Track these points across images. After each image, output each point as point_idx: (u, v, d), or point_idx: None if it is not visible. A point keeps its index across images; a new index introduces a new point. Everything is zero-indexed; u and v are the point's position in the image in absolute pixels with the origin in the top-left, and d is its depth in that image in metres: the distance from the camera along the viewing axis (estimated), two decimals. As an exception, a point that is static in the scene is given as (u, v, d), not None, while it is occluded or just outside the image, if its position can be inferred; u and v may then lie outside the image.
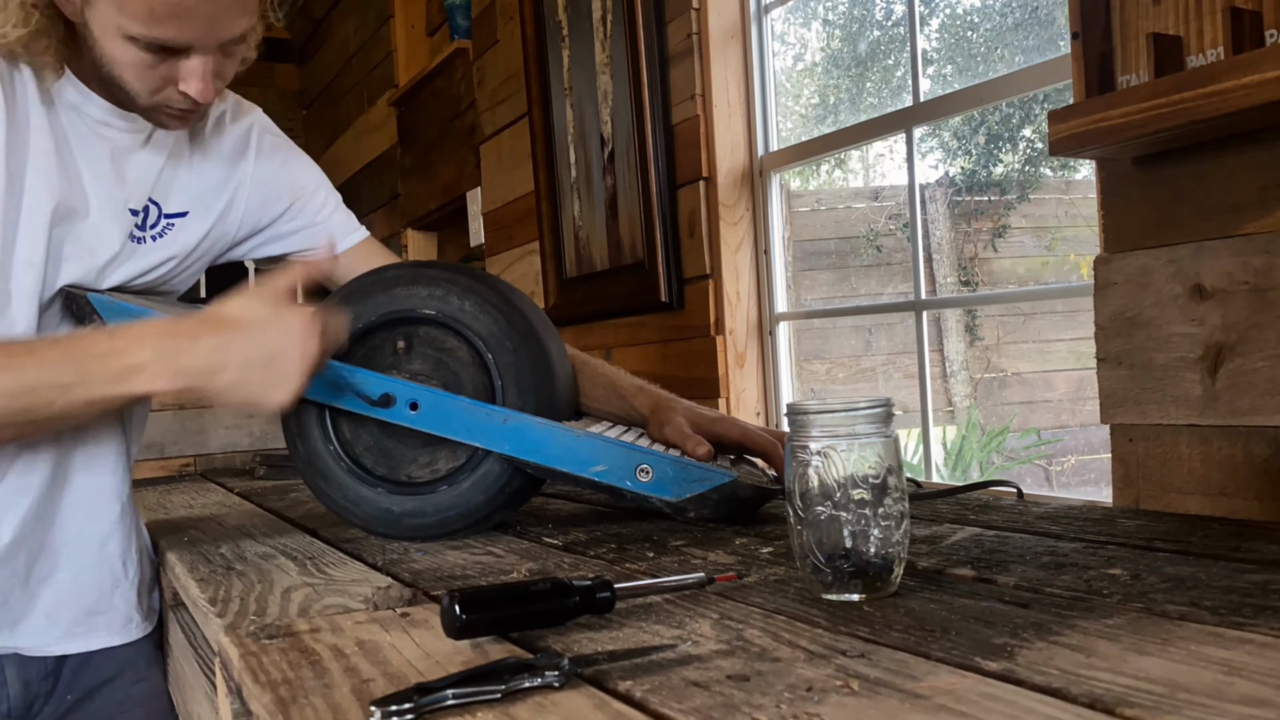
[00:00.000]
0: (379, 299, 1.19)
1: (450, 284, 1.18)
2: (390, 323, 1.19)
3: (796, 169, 2.25)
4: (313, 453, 1.20)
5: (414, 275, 1.20)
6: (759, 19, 2.17)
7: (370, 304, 1.19)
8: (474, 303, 1.17)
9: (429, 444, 1.18)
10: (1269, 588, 0.75)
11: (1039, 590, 0.78)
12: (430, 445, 1.18)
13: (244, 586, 0.98)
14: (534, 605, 0.74)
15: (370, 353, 1.20)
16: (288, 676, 0.68)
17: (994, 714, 0.53)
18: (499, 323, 1.17)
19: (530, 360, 1.17)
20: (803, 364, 2.34)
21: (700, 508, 1.13)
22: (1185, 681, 0.56)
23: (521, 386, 1.16)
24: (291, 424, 1.20)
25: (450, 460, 1.18)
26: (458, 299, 1.17)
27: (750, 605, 0.79)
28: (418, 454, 1.19)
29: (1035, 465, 3.96)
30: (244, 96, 1.37)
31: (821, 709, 0.55)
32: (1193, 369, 1.18)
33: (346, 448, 1.19)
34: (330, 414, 1.19)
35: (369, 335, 1.19)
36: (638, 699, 0.59)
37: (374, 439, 1.19)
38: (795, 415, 0.79)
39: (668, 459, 1.11)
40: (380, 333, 1.19)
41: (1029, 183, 4.05)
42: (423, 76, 3.55)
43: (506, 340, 1.17)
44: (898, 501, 0.78)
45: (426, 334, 1.19)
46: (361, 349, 1.19)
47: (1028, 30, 3.11)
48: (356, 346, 1.19)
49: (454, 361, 1.19)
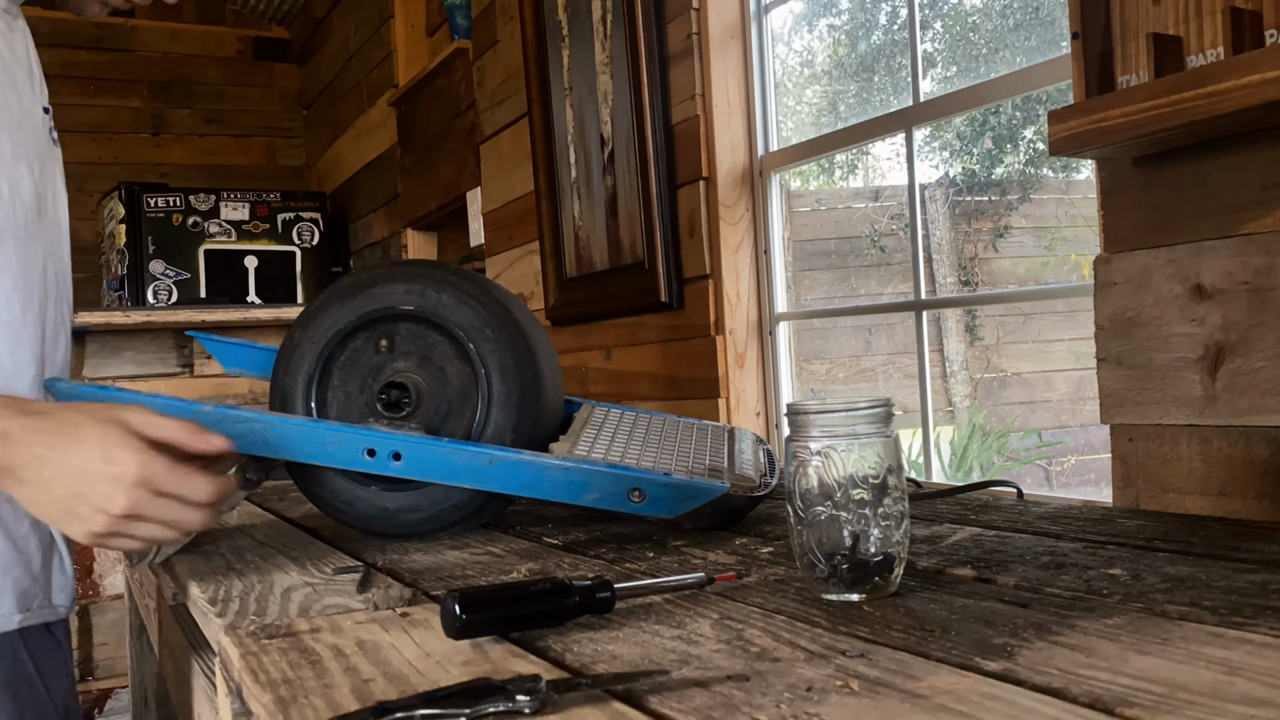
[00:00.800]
0: (357, 300, 1.19)
1: (426, 279, 1.19)
2: (370, 323, 1.20)
3: (797, 169, 2.24)
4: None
5: (390, 273, 1.21)
6: (759, 19, 2.17)
7: (349, 306, 1.19)
8: (451, 294, 1.18)
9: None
10: (1269, 588, 0.75)
11: (1039, 590, 0.78)
12: None
13: (244, 586, 0.98)
14: (534, 605, 0.74)
15: (354, 355, 1.20)
16: (288, 676, 0.68)
17: (994, 714, 0.53)
18: (477, 312, 1.17)
19: (511, 346, 1.17)
20: (803, 364, 2.34)
21: (696, 519, 1.13)
22: (1185, 681, 0.56)
23: (505, 372, 1.17)
24: None
25: None
26: (435, 292, 1.18)
27: (750, 605, 0.79)
28: None
29: (1035, 465, 3.96)
30: (245, 95, 1.35)
31: (821, 709, 0.55)
32: (1193, 369, 1.18)
33: None
34: (318, 418, 1.20)
35: (351, 338, 1.20)
36: (637, 698, 0.59)
37: None
38: (795, 415, 0.79)
39: (659, 479, 1.09)
40: (362, 334, 1.20)
41: (1029, 183, 4.05)
42: (423, 76, 3.55)
43: (486, 329, 1.17)
44: (897, 501, 0.78)
45: (408, 330, 1.20)
46: (345, 352, 1.20)
47: (1029, 31, 3.11)
48: (340, 350, 1.20)
49: (438, 355, 1.19)
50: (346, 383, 1.21)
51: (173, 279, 4.28)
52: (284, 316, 2.53)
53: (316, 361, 1.20)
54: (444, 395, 1.19)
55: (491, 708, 0.57)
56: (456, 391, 1.18)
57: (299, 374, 1.21)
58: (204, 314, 2.46)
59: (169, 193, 4.32)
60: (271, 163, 5.38)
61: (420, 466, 1.11)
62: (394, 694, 0.62)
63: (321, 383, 1.21)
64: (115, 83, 5.15)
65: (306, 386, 1.20)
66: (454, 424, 1.18)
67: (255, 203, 4.42)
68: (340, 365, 1.20)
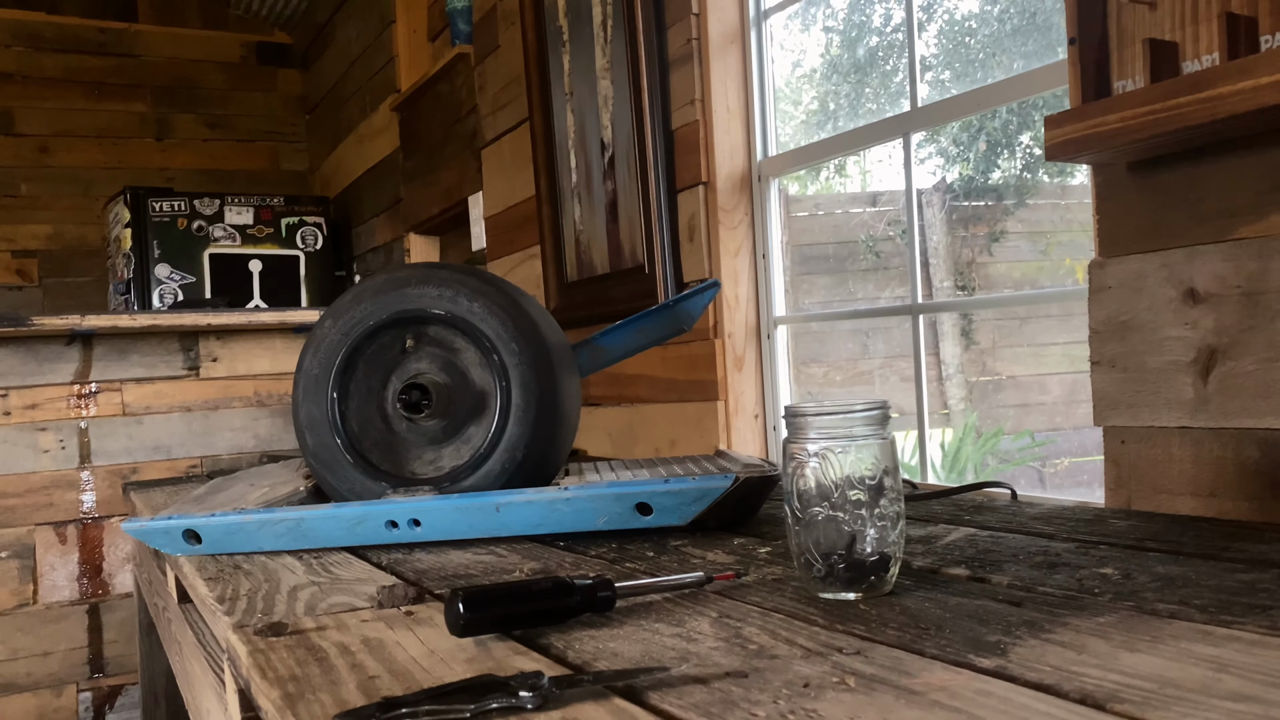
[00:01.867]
0: (390, 297, 1.21)
1: (460, 285, 1.20)
2: (400, 321, 1.21)
3: (795, 174, 2.26)
4: (320, 444, 1.21)
5: (425, 276, 1.22)
6: (758, 24, 2.18)
7: (381, 302, 1.21)
8: (483, 304, 1.19)
9: (435, 442, 1.20)
10: (1257, 587, 0.76)
11: (1032, 589, 0.79)
12: (436, 443, 1.20)
13: (251, 585, 0.99)
14: (536, 604, 0.75)
15: (380, 351, 1.22)
16: (295, 673, 0.69)
17: (987, 710, 0.54)
18: (506, 325, 1.19)
19: (535, 362, 1.19)
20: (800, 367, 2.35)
21: (719, 515, 1.13)
22: (1175, 678, 0.57)
23: (525, 386, 1.18)
24: (301, 415, 1.22)
25: (454, 459, 1.20)
26: (467, 300, 1.19)
27: (749, 604, 0.80)
28: (424, 451, 1.21)
29: (1029, 467, 3.97)
30: (247, 101, 1.37)
31: (818, 705, 0.56)
32: (1185, 372, 1.19)
33: (354, 442, 1.21)
34: (339, 408, 1.21)
35: (379, 334, 1.21)
36: (638, 695, 0.60)
37: (381, 435, 1.21)
38: (793, 417, 0.80)
39: (660, 489, 1.09)
40: (390, 331, 1.21)
41: (1025, 188, 4.06)
42: (424, 82, 3.56)
43: (513, 342, 1.18)
44: (894, 502, 0.79)
45: (436, 333, 1.21)
46: (371, 347, 1.22)
47: (1026, 36, 3.12)
48: (367, 344, 1.21)
49: (462, 361, 1.21)
50: (370, 376, 1.23)
51: (178, 283, 4.29)
52: (288, 320, 2.54)
53: (344, 353, 1.21)
54: (463, 401, 1.20)
55: (495, 703, 0.57)
56: (476, 398, 1.20)
57: (327, 362, 1.22)
58: (210, 317, 2.47)
59: (174, 197, 4.33)
60: (275, 167, 5.40)
61: (438, 527, 1.13)
62: (399, 690, 0.63)
63: (346, 374, 1.22)
64: (119, 87, 5.16)
65: (332, 375, 1.21)
66: (471, 430, 1.20)
67: (259, 207, 4.44)
68: (366, 359, 1.21)
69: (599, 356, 1.46)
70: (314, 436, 1.21)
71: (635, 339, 1.47)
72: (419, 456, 1.21)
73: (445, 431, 1.20)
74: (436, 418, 1.20)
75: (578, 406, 1.31)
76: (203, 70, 5.28)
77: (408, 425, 1.21)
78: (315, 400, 1.20)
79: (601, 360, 1.47)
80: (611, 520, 1.10)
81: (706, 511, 1.10)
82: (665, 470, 1.25)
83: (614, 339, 1.47)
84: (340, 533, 1.14)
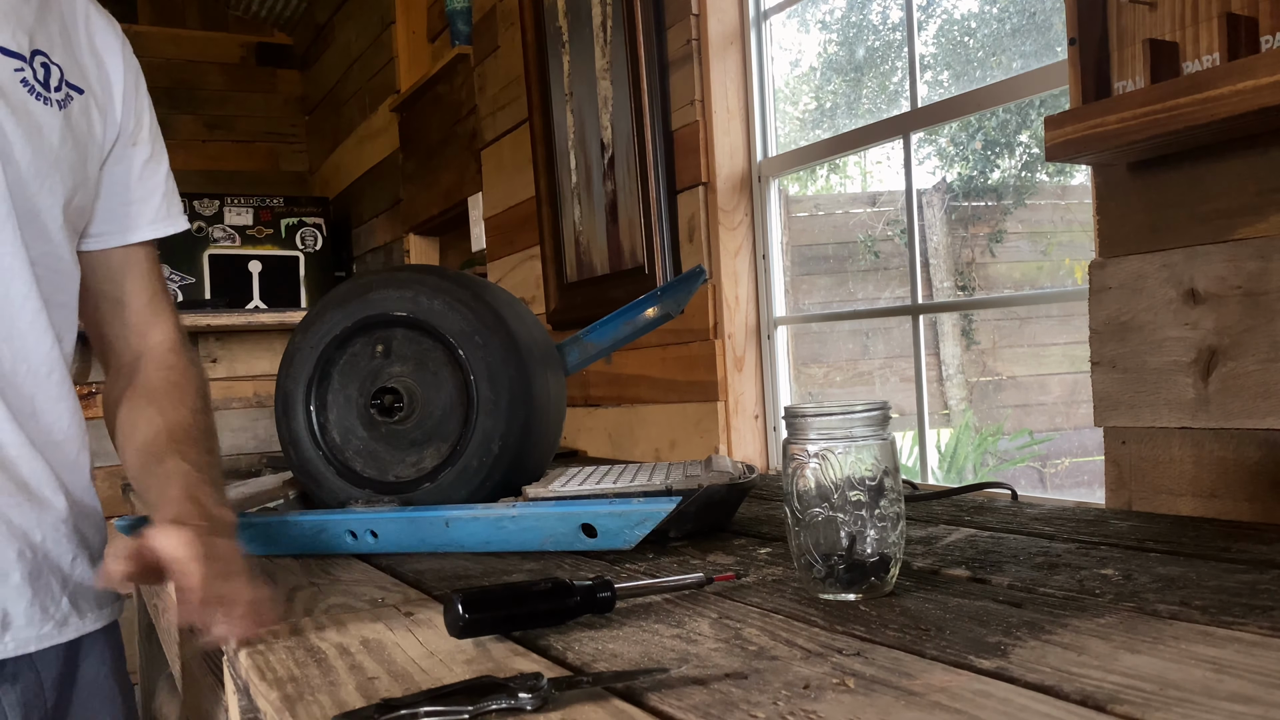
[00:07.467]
0: (354, 305, 1.21)
1: (420, 285, 1.20)
2: (367, 328, 1.21)
3: (795, 174, 2.26)
4: (304, 458, 1.22)
5: (386, 279, 1.23)
6: (758, 25, 2.18)
7: (346, 310, 1.21)
8: (443, 301, 1.19)
9: (415, 444, 1.20)
10: (1258, 587, 0.76)
11: (1032, 590, 0.79)
12: (417, 445, 1.20)
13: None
14: (536, 605, 0.75)
15: (353, 359, 1.22)
16: (294, 674, 0.69)
17: (988, 711, 0.54)
18: (467, 318, 1.19)
19: (501, 352, 1.18)
20: (801, 367, 2.35)
21: (680, 526, 1.11)
22: (1175, 679, 0.57)
23: (493, 379, 1.18)
24: (284, 430, 1.23)
25: (435, 458, 1.20)
26: (427, 299, 1.19)
27: (748, 605, 0.80)
28: (405, 454, 1.21)
29: (1029, 467, 3.97)
30: (247, 101, 1.36)
31: (818, 706, 0.56)
32: (1185, 372, 1.19)
33: (336, 453, 1.22)
34: (319, 420, 1.22)
35: (349, 342, 1.22)
36: (637, 696, 0.60)
37: (363, 443, 1.22)
38: (793, 418, 0.80)
39: (604, 509, 1.05)
40: (359, 339, 1.22)
41: (1025, 188, 4.06)
42: (424, 82, 3.56)
43: (475, 335, 1.18)
44: (894, 503, 0.79)
45: (404, 336, 1.21)
46: (344, 356, 1.22)
47: (1025, 36, 3.12)
48: (338, 354, 1.22)
49: (432, 361, 1.21)
50: (346, 386, 1.23)
51: (178, 283, 4.29)
52: (288, 321, 2.54)
53: (316, 365, 1.22)
54: (438, 400, 1.20)
55: (494, 705, 0.57)
56: (449, 397, 1.20)
57: (300, 377, 1.22)
58: (209, 317, 2.47)
59: (173, 197, 4.33)
60: (274, 168, 5.39)
61: (393, 540, 1.13)
62: (398, 691, 0.63)
63: (321, 385, 1.23)
64: (117, 88, 5.15)
65: (307, 389, 1.22)
66: (447, 429, 1.20)
67: (259, 208, 4.44)
68: (340, 369, 1.22)
69: (587, 351, 1.46)
70: (297, 452, 1.23)
71: (623, 330, 1.47)
72: (402, 460, 1.21)
73: (425, 433, 1.20)
74: (413, 419, 1.20)
75: (561, 401, 1.31)
76: (202, 71, 5.28)
77: (387, 430, 1.21)
78: (294, 415, 1.22)
79: (590, 354, 1.46)
80: (557, 541, 1.07)
81: (665, 523, 1.05)
82: (644, 478, 1.20)
83: (601, 333, 1.47)
84: (305, 540, 1.15)
